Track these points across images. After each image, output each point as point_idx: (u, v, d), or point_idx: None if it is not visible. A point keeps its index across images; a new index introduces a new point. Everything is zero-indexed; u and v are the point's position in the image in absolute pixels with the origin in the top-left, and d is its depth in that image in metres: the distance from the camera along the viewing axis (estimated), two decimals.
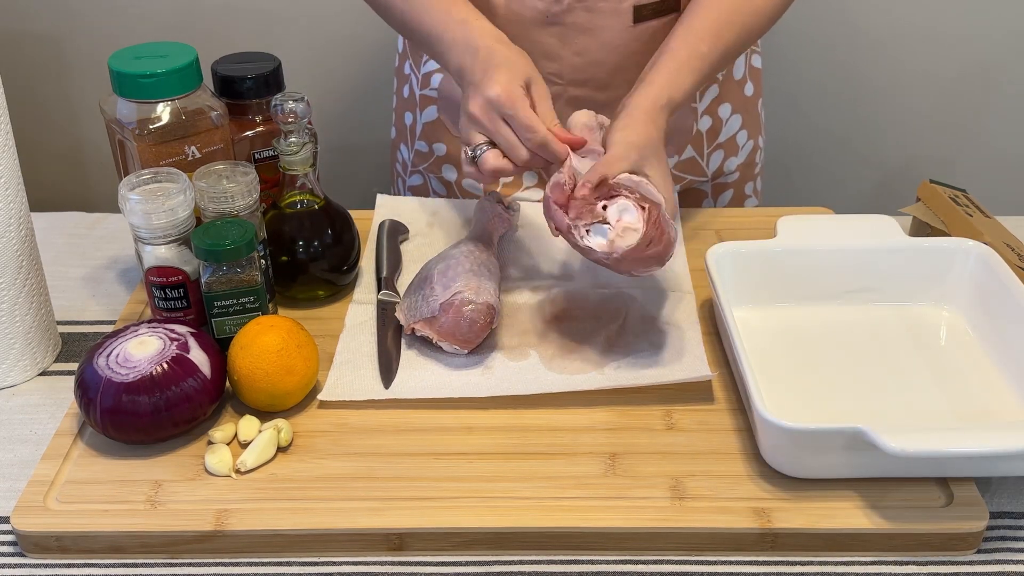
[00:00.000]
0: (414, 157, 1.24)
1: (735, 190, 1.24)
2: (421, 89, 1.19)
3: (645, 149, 0.89)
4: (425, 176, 1.23)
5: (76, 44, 1.73)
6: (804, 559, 0.75)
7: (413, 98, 1.21)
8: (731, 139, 1.20)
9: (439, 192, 1.23)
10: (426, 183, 1.24)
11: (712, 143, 1.18)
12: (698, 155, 1.18)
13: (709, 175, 1.20)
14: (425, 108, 1.20)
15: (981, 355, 0.90)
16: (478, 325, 0.89)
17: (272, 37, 1.71)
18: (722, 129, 1.18)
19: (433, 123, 1.19)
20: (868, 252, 0.96)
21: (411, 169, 1.25)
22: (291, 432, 0.83)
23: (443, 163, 1.20)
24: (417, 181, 1.25)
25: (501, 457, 0.81)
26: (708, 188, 1.21)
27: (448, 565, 0.75)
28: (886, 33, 1.70)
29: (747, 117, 1.21)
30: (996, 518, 0.78)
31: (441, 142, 1.19)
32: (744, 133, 1.21)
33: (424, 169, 1.23)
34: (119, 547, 0.76)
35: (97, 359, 0.81)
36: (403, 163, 1.26)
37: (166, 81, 0.90)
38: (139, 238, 0.88)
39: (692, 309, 0.96)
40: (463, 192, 1.21)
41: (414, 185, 1.26)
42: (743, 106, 1.19)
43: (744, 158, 1.22)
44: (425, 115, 1.20)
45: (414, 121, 1.22)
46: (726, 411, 0.86)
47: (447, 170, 1.20)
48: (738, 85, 1.18)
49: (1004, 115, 1.77)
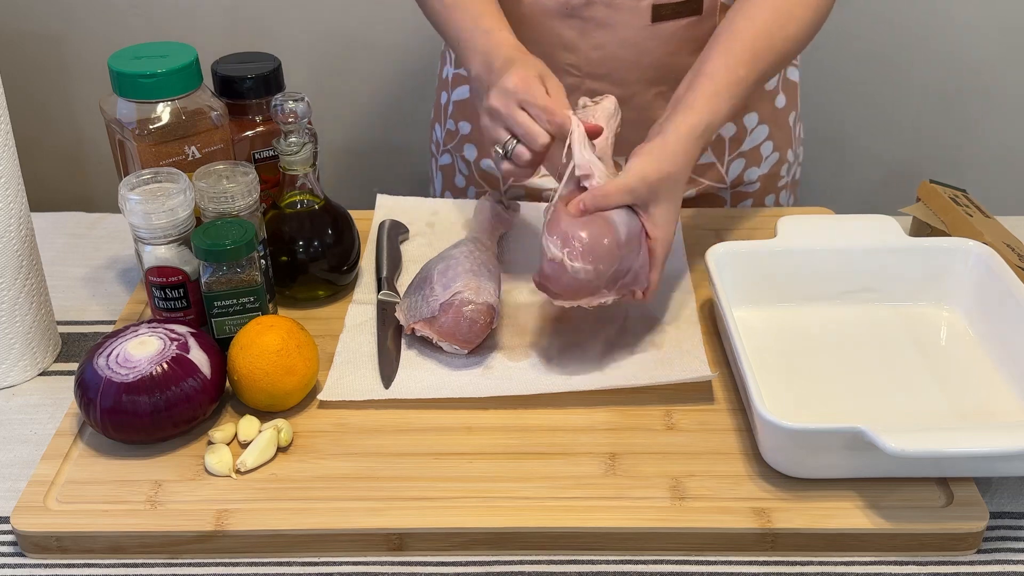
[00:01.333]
0: (444, 136, 1.25)
1: (755, 200, 1.22)
2: (455, 68, 1.21)
3: (658, 185, 0.86)
4: (453, 155, 1.25)
5: (76, 44, 1.73)
6: (804, 559, 0.75)
7: (447, 78, 1.23)
8: (755, 149, 1.18)
9: (463, 172, 1.24)
10: (454, 162, 1.25)
11: (734, 151, 1.18)
12: (718, 161, 1.17)
13: (728, 183, 1.19)
14: (456, 87, 1.21)
15: (981, 355, 0.90)
16: (478, 325, 0.89)
17: (272, 37, 1.71)
18: (746, 138, 1.17)
19: (463, 102, 1.21)
20: (868, 252, 0.96)
21: (442, 148, 1.27)
22: (291, 432, 0.83)
23: (465, 142, 1.22)
24: (447, 160, 1.27)
25: (501, 457, 0.81)
26: (727, 195, 1.20)
27: (448, 565, 0.75)
28: (886, 33, 1.70)
29: (775, 129, 1.19)
30: (996, 518, 0.78)
31: (466, 121, 1.21)
32: (770, 144, 1.19)
33: (451, 148, 1.24)
34: (119, 547, 0.76)
35: (97, 359, 0.81)
36: (436, 143, 1.28)
37: (166, 81, 0.90)
38: (139, 238, 0.88)
39: (692, 309, 0.97)
40: (480, 173, 1.22)
41: (444, 164, 1.27)
42: (772, 117, 1.18)
43: (767, 169, 1.20)
44: (456, 94, 1.21)
45: (447, 100, 1.24)
46: (726, 411, 0.86)
47: (468, 149, 1.22)
48: (769, 96, 1.17)
49: (1004, 115, 1.77)
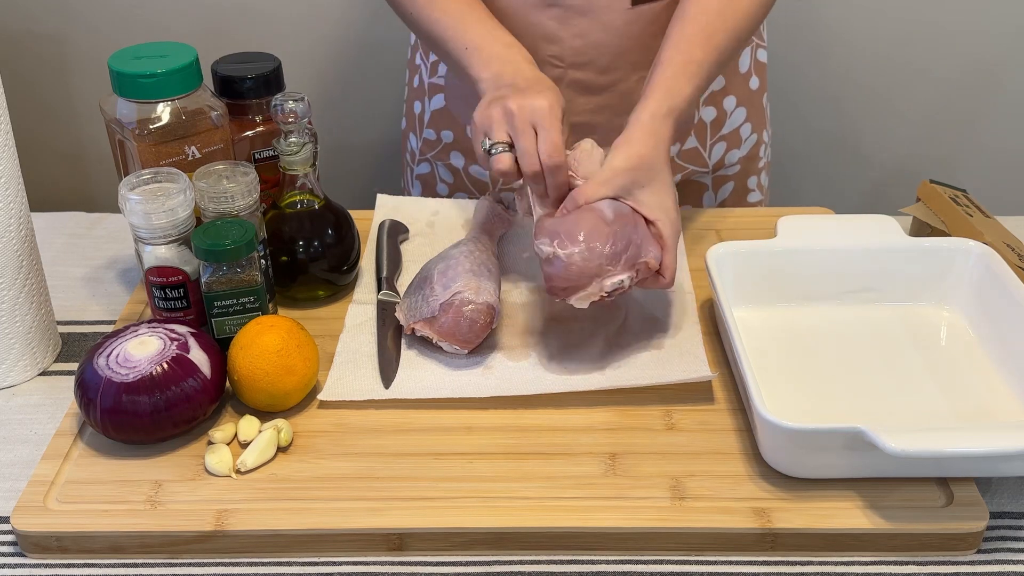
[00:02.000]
0: (422, 145, 1.25)
1: (736, 183, 1.24)
2: (430, 77, 1.21)
3: (636, 172, 0.88)
4: (432, 164, 1.24)
5: (76, 44, 1.73)
6: (804, 559, 0.75)
7: (423, 87, 1.22)
8: (735, 131, 1.20)
9: (446, 179, 1.24)
10: (433, 171, 1.25)
11: (715, 134, 1.19)
12: (700, 145, 1.18)
13: (710, 166, 1.21)
14: (434, 96, 1.21)
15: (981, 355, 0.90)
16: (478, 325, 0.89)
17: (272, 37, 1.71)
18: (726, 121, 1.19)
19: (441, 111, 1.20)
20: (868, 252, 0.96)
21: (419, 158, 1.26)
22: (291, 432, 0.83)
23: (451, 150, 1.21)
24: (425, 169, 1.26)
25: (501, 457, 0.81)
26: (709, 180, 1.21)
27: (448, 565, 0.75)
28: (886, 33, 1.69)
29: (751, 110, 1.21)
30: (996, 518, 0.78)
31: (449, 129, 1.20)
32: (748, 126, 1.21)
33: (432, 157, 1.24)
34: (119, 547, 0.76)
35: (97, 359, 0.81)
36: (411, 152, 1.28)
37: (166, 81, 0.90)
38: (139, 238, 0.88)
39: (692, 309, 0.96)
40: (471, 179, 1.21)
41: (422, 173, 1.27)
42: (748, 99, 1.20)
43: (747, 151, 1.23)
44: (433, 103, 1.21)
45: (423, 110, 1.23)
46: (726, 411, 0.86)
47: (455, 157, 1.21)
48: (743, 78, 1.19)
49: (1004, 115, 1.77)
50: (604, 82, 1.08)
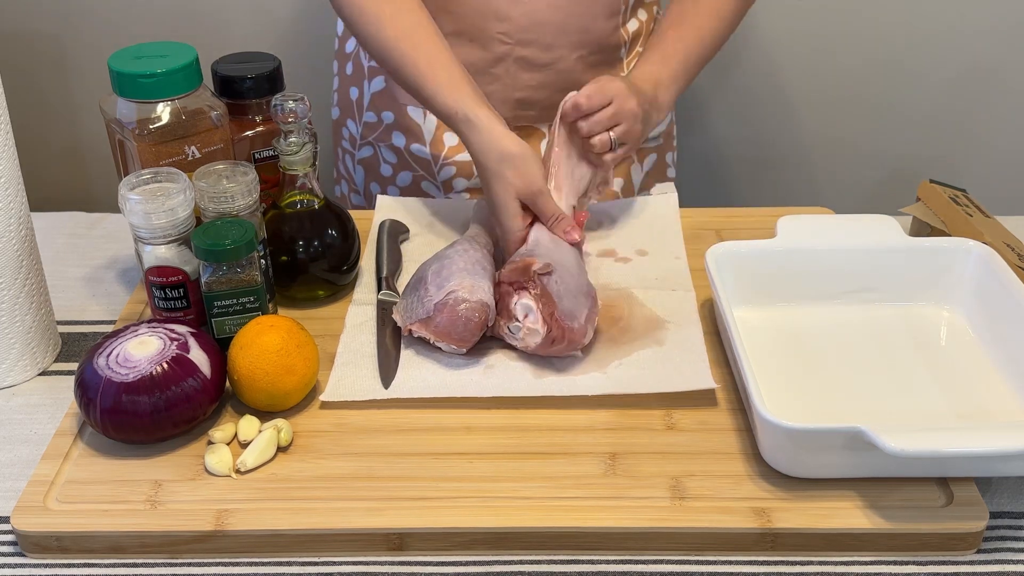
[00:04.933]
0: (363, 129, 1.26)
1: (658, 155, 1.28)
2: (368, 61, 1.23)
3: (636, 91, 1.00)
4: (375, 146, 1.26)
5: (76, 44, 1.73)
6: (804, 559, 0.75)
7: (360, 72, 1.25)
8: None
9: (389, 160, 1.25)
10: (376, 153, 1.26)
11: None
12: None
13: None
14: (373, 79, 1.23)
15: (981, 355, 0.90)
16: (473, 323, 0.89)
17: (272, 37, 1.71)
18: None
19: (380, 92, 1.23)
20: (868, 252, 0.96)
21: (360, 142, 1.28)
22: (291, 432, 0.83)
23: (393, 130, 1.23)
24: (367, 153, 1.27)
25: (501, 457, 0.81)
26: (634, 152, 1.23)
27: (448, 565, 0.75)
28: (886, 33, 1.69)
29: None
30: (996, 518, 0.78)
31: (389, 110, 1.22)
32: None
33: (374, 139, 1.25)
34: (119, 547, 0.76)
35: (97, 359, 0.81)
36: (350, 138, 1.29)
37: (166, 81, 0.90)
38: (139, 238, 0.88)
39: (692, 309, 0.96)
40: (413, 158, 1.23)
41: (364, 157, 1.28)
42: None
43: (664, 126, 1.27)
44: (373, 85, 1.23)
45: (360, 95, 1.25)
46: (726, 411, 0.86)
47: (396, 137, 1.23)
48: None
49: (1004, 115, 1.77)
50: (546, 59, 1.14)
